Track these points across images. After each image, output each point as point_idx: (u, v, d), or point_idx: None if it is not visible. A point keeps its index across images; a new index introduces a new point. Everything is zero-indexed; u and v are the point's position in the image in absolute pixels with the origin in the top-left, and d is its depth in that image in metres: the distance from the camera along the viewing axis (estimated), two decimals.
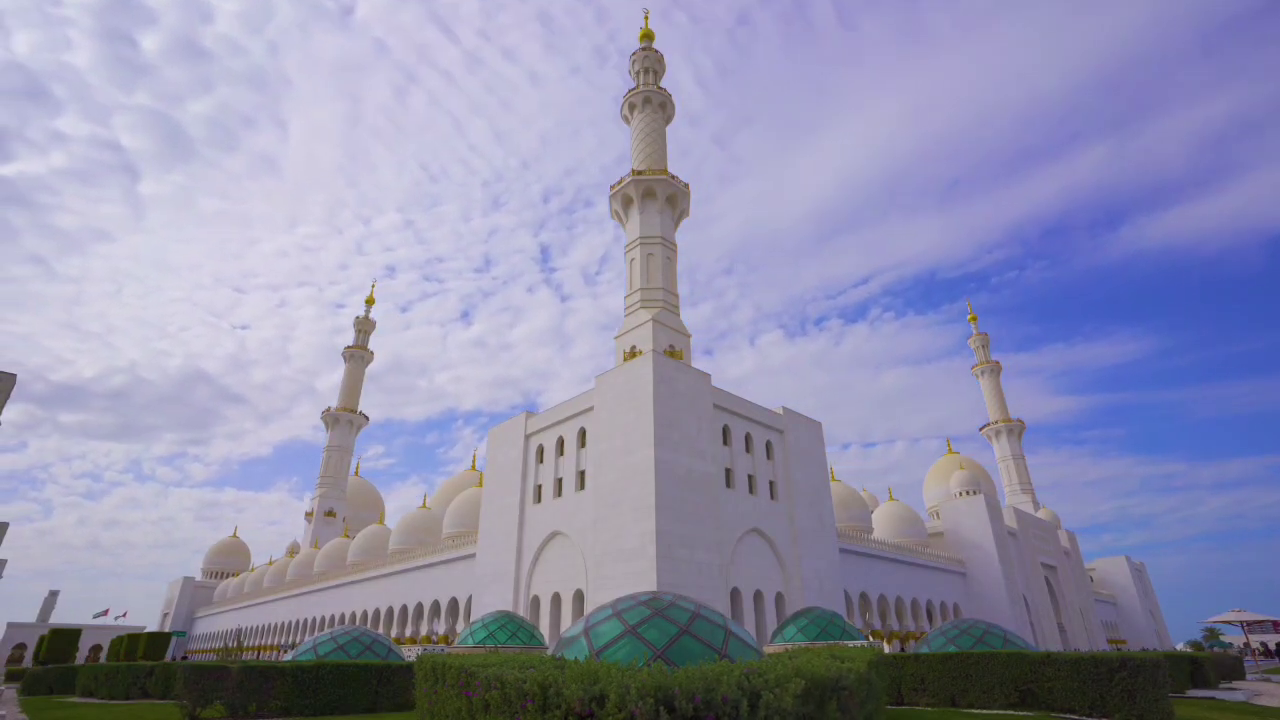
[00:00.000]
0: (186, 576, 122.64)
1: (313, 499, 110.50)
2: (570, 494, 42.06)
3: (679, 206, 56.04)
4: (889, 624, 57.73)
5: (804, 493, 46.54)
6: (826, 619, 29.71)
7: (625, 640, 10.41)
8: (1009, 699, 18.15)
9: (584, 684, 6.35)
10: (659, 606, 11.20)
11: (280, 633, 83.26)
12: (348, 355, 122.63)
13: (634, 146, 59.66)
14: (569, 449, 43.63)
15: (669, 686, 6.07)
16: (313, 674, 18.52)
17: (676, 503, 35.68)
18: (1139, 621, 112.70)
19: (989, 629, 22.06)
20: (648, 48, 64.21)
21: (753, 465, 43.80)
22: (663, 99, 60.87)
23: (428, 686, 10.01)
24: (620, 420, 38.64)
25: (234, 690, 18.01)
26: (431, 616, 56.53)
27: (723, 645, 10.38)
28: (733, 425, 43.21)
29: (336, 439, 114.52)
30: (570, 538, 40.44)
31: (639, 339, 47.78)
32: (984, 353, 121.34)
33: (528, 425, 47.49)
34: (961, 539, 70.93)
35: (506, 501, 46.85)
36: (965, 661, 19.22)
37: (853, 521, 64.38)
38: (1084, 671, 17.13)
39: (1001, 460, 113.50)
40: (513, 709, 6.84)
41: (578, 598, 38.90)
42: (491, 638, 29.22)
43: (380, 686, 19.63)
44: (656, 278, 51.35)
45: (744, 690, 6.19)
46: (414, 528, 67.87)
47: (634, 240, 53.14)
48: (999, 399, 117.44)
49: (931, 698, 19.56)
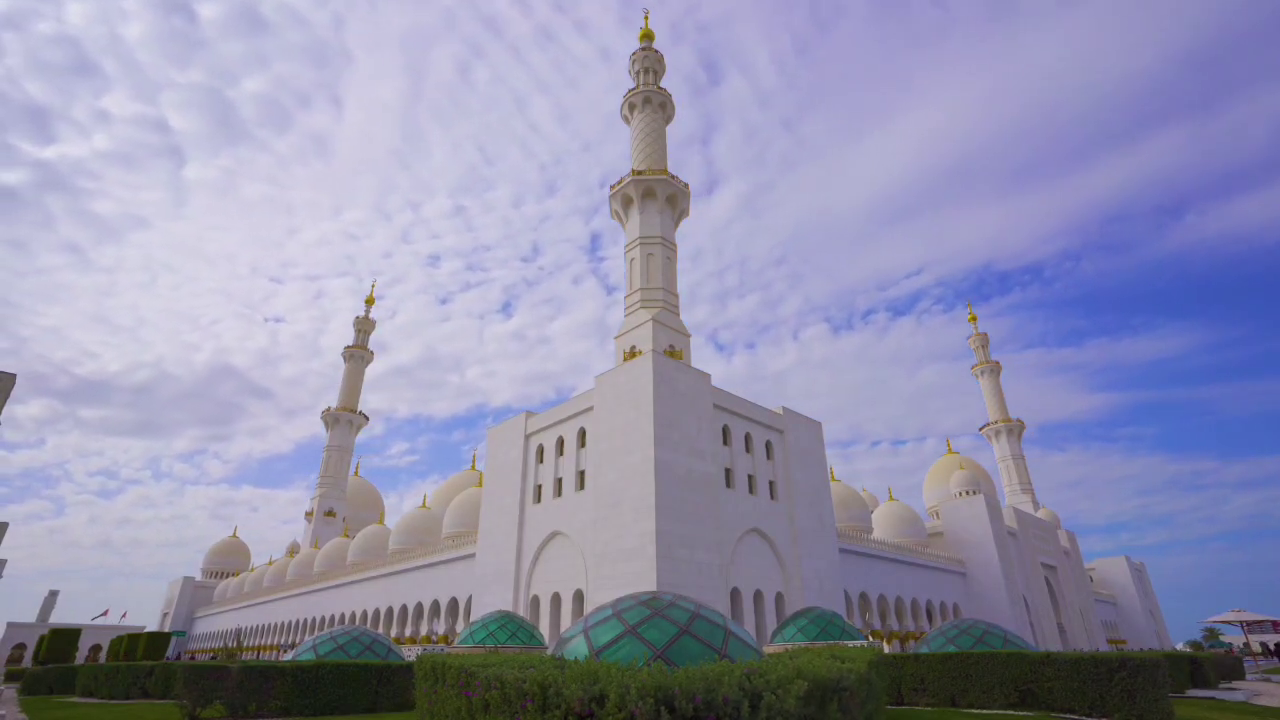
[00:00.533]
0: (186, 576, 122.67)
1: (313, 499, 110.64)
2: (570, 494, 42.05)
3: (679, 206, 56.05)
4: (889, 624, 57.72)
5: (804, 493, 46.54)
6: (826, 619, 29.69)
7: (625, 640, 10.39)
8: (1009, 699, 18.15)
9: (584, 684, 6.34)
10: (659, 606, 11.19)
11: (280, 633, 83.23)
12: (347, 355, 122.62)
13: (634, 146, 59.62)
14: (569, 449, 43.62)
15: (669, 687, 6.06)
16: (312, 674, 18.52)
17: (676, 503, 35.68)
18: (1139, 621, 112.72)
19: (989, 629, 22.06)
20: (647, 48, 64.19)
21: (753, 465, 43.79)
22: (663, 99, 60.87)
23: (428, 686, 10.01)
24: (620, 420, 38.64)
25: (234, 690, 18.00)
26: (431, 616, 56.52)
27: (723, 645, 10.36)
28: (732, 425, 43.21)
29: (336, 439, 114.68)
30: (570, 538, 40.43)
31: (639, 339, 47.79)
32: (983, 353, 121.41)
33: (528, 425, 47.48)
34: (961, 539, 70.94)
35: (506, 501, 46.85)
36: (965, 661, 19.21)
37: (852, 521, 64.43)
38: (1084, 671, 17.12)
39: (1001, 460, 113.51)
40: (512, 709, 6.84)
41: (577, 598, 38.89)
42: (491, 638, 29.21)
43: (380, 686, 19.63)
44: (656, 278, 51.35)
45: (745, 691, 6.18)
46: (414, 528, 67.89)
47: (634, 240, 53.14)
48: (999, 399, 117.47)
49: (931, 698, 19.55)
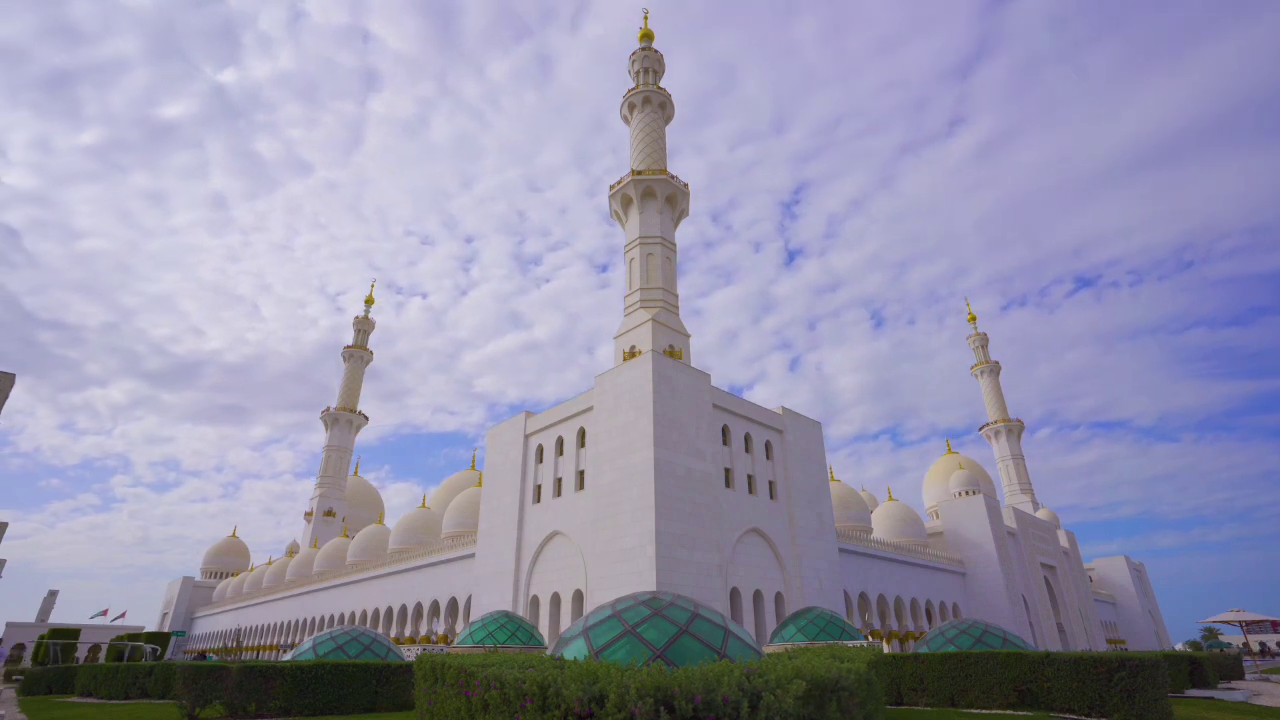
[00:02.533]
0: (186, 576, 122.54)
1: (312, 499, 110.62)
2: (570, 494, 42.03)
3: (679, 206, 56.05)
4: (888, 624, 57.71)
5: (804, 493, 46.54)
6: (826, 619, 29.71)
7: (625, 640, 10.39)
8: (1008, 699, 18.14)
9: (583, 684, 6.34)
10: (658, 606, 11.19)
11: (280, 633, 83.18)
12: (347, 355, 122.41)
13: (633, 146, 59.59)
14: (568, 449, 43.61)
15: (669, 686, 6.06)
16: (312, 674, 18.49)
17: (676, 503, 35.68)
18: (1138, 621, 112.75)
19: (988, 629, 22.08)
20: (647, 48, 64.19)
21: (752, 465, 43.78)
22: (662, 99, 60.86)
23: (427, 686, 10.01)
24: (620, 420, 38.63)
25: (233, 690, 17.98)
26: (431, 616, 56.50)
27: (722, 645, 10.36)
28: (732, 425, 43.20)
29: (336, 439, 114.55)
30: (570, 538, 40.42)
31: (638, 339, 47.79)
32: (983, 352, 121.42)
33: (527, 425, 47.47)
34: (961, 539, 70.96)
35: (506, 501, 46.83)
36: (964, 661, 19.21)
37: (852, 521, 64.45)
38: (1083, 671, 17.11)
39: (1001, 460, 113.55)
40: (512, 709, 6.84)
41: (577, 598, 38.88)
42: (491, 638, 29.22)
43: (380, 686, 19.61)
44: (656, 278, 51.33)
45: (745, 691, 6.17)
46: (413, 528, 67.91)
47: (633, 240, 53.12)
48: (998, 399, 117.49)
49: (931, 698, 19.55)
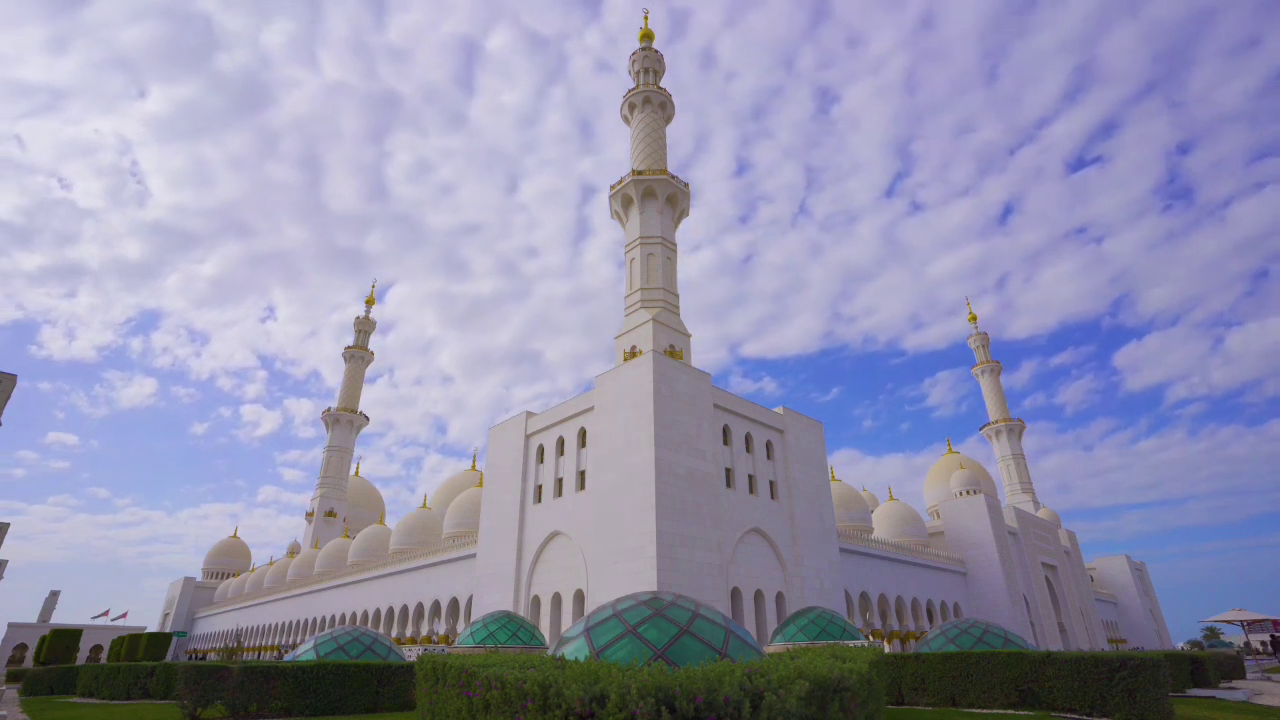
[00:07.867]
0: (187, 577, 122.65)
1: (313, 499, 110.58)
2: (570, 494, 42.03)
3: (679, 206, 56.02)
4: (889, 624, 57.70)
5: (804, 493, 46.52)
6: (827, 619, 29.70)
7: (626, 640, 10.39)
8: (1009, 699, 18.14)
9: (585, 684, 6.34)
10: (659, 606, 11.19)
11: (281, 633, 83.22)
12: (347, 356, 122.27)
13: (634, 146, 59.58)
14: (569, 449, 43.60)
15: (670, 687, 6.06)
16: (313, 674, 18.52)
17: (677, 503, 35.67)
18: (1139, 621, 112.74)
19: (989, 629, 22.08)
20: (647, 48, 64.16)
21: (753, 465, 43.77)
22: (663, 99, 60.84)
23: (428, 687, 10.01)
24: (620, 420, 38.63)
25: (235, 690, 18.00)
26: (432, 616, 56.52)
27: (723, 645, 10.36)
28: (733, 425, 43.19)
29: (336, 439, 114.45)
30: (570, 538, 40.42)
31: (639, 339, 47.77)
32: (984, 352, 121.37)
33: (528, 425, 47.46)
34: (962, 539, 70.92)
35: (506, 501, 46.83)
36: (965, 661, 19.21)
37: (853, 521, 64.40)
38: (1084, 671, 17.11)
39: (1002, 460, 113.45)
40: (513, 709, 6.84)
41: (578, 598, 38.88)
42: (492, 638, 29.20)
43: (381, 687, 19.63)
44: (656, 278, 51.31)
45: (746, 691, 6.17)
46: (414, 528, 67.91)
47: (634, 240, 53.10)
48: (999, 399, 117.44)
49: (932, 697, 19.55)
